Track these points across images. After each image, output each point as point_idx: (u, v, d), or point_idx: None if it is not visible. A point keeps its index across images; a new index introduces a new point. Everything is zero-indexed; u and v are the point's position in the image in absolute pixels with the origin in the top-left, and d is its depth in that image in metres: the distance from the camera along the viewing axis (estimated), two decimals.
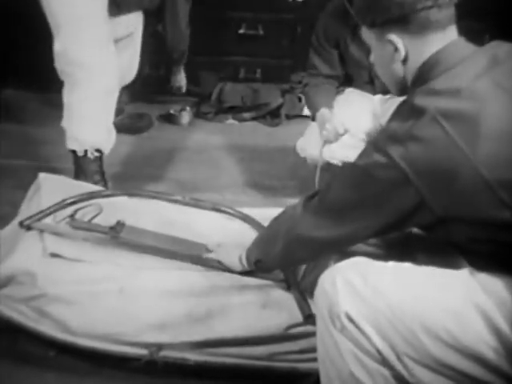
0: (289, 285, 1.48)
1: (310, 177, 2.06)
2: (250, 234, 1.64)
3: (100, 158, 2.23)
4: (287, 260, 1.38)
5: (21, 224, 1.64)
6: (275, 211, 1.51)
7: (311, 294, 1.29)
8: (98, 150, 2.20)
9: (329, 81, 2.20)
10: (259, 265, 1.42)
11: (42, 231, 1.63)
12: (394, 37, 1.14)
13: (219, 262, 1.54)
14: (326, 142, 1.99)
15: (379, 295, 1.10)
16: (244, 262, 1.46)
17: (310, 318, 1.37)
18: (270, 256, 1.38)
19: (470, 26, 1.19)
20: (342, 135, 1.98)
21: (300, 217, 1.27)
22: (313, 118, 2.17)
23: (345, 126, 1.97)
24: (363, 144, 2.10)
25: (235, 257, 1.49)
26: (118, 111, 2.80)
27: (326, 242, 1.23)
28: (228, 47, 3.28)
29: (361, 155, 1.17)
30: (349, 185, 1.17)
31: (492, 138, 1.01)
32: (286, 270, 1.52)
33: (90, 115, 2.15)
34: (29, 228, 1.64)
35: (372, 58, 1.25)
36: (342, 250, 1.32)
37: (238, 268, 1.49)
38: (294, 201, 2.12)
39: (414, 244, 1.42)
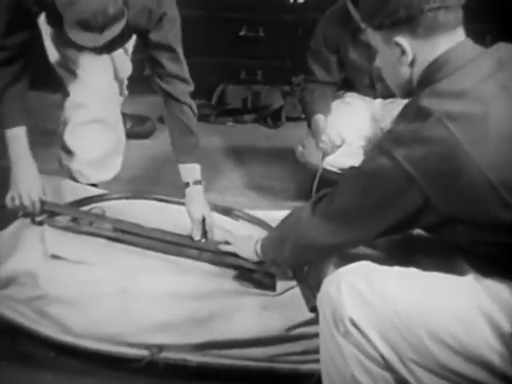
0: (299, 279, 1.48)
1: (310, 180, 2.06)
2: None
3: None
4: (297, 261, 1.44)
5: (33, 220, 1.67)
6: (275, 213, 1.51)
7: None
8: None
9: (326, 87, 2.20)
10: (275, 263, 1.49)
11: (42, 232, 1.64)
12: (401, 39, 1.12)
13: (236, 254, 1.57)
14: (324, 153, 1.97)
15: (384, 300, 1.10)
16: (260, 254, 1.49)
17: (315, 311, 1.35)
18: (280, 258, 1.41)
19: (472, 27, 1.18)
20: (339, 146, 1.95)
21: (308, 222, 1.27)
22: (308, 125, 2.16)
23: (341, 136, 1.94)
24: (362, 150, 2.10)
25: (251, 250, 1.51)
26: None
27: (333, 247, 1.26)
28: (229, 49, 3.28)
29: (366, 159, 1.17)
30: (355, 190, 1.17)
31: (497, 140, 1.01)
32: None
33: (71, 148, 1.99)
34: (40, 223, 1.66)
35: (378, 61, 1.24)
36: (346, 251, 1.36)
37: (256, 259, 1.52)
38: (294, 203, 2.15)
39: (417, 248, 1.42)
